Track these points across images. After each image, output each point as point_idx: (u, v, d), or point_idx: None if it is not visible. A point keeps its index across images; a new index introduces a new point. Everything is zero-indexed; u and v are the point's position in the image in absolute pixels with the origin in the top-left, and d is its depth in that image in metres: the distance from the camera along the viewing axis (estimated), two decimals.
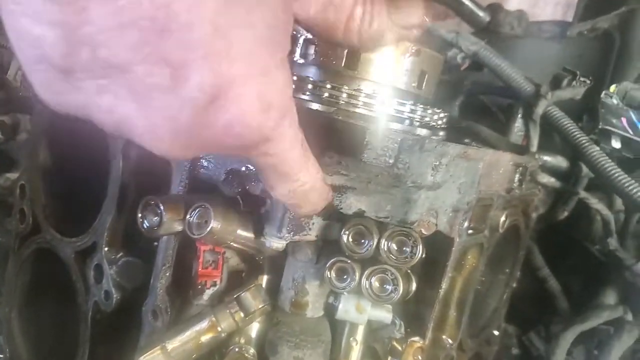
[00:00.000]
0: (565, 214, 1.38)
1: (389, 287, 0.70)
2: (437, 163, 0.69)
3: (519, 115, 1.23)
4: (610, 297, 1.36)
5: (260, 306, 0.76)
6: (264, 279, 0.81)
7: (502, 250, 1.22)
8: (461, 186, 0.80)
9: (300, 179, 0.56)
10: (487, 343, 1.22)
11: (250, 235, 0.73)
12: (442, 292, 0.83)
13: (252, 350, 0.74)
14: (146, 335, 0.79)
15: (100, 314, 0.89)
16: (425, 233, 0.78)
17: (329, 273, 0.72)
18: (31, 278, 1.10)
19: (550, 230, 1.47)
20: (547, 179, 1.18)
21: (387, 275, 0.70)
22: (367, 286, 0.70)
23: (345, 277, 0.71)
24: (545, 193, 1.31)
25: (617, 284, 1.35)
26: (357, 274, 0.71)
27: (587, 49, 1.62)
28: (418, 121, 0.78)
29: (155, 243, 0.82)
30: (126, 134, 0.42)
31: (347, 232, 0.70)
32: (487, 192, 0.88)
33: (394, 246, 0.69)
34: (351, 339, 0.82)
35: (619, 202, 1.37)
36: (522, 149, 1.14)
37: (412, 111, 0.74)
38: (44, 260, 1.04)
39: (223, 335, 0.75)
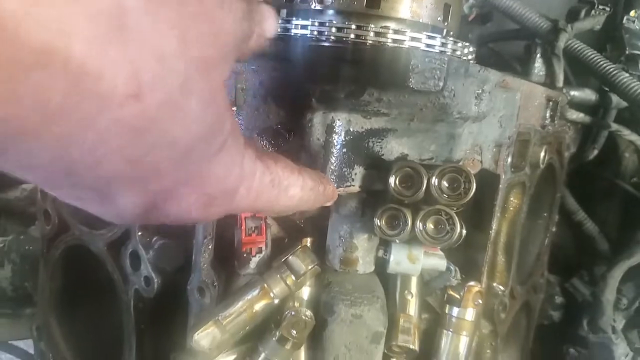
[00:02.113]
0: (595, 152, 1.34)
1: (445, 228, 0.66)
2: (480, 91, 0.66)
3: (538, 55, 1.19)
4: None
5: (310, 267, 0.72)
6: (308, 242, 0.78)
7: (539, 193, 1.18)
8: (502, 119, 0.77)
9: (280, 205, 0.54)
10: (534, 291, 1.19)
11: None
12: (492, 232, 0.80)
13: (308, 312, 0.71)
14: (195, 314, 0.76)
15: (143, 301, 0.86)
16: (472, 171, 0.75)
17: (379, 222, 0.68)
18: (64, 280, 1.07)
19: (581, 171, 1.43)
20: (576, 115, 1.14)
21: (442, 215, 0.66)
22: (421, 229, 0.67)
23: (396, 223, 0.68)
24: (575, 131, 1.28)
25: None
26: (410, 219, 0.67)
27: None
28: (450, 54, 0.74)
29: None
30: None
31: (393, 176, 0.66)
32: (526, 126, 0.85)
33: (445, 184, 0.66)
34: (405, 292, 0.79)
35: None
36: (549, 86, 1.10)
37: (443, 44, 0.70)
38: (75, 259, 1.02)
39: (276, 301, 0.72)
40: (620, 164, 1.36)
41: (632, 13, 1.16)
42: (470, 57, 0.81)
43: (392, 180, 0.67)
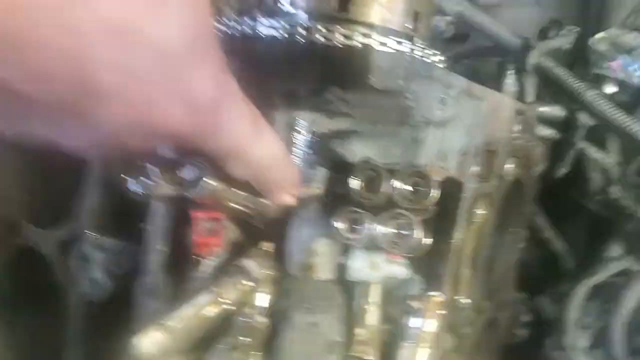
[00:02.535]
0: (563, 170, 1.35)
1: (406, 232, 0.64)
2: (445, 96, 0.65)
3: (510, 72, 1.20)
4: (614, 250, 1.33)
5: (266, 272, 0.69)
6: (268, 247, 0.75)
7: (507, 208, 1.18)
8: (468, 128, 0.76)
9: (257, 151, 0.54)
10: (501, 307, 1.18)
11: (249, 193, 0.67)
12: (456, 242, 0.79)
13: (261, 319, 0.68)
14: (143, 319, 0.72)
15: (90, 306, 0.82)
16: (435, 179, 0.73)
17: (339, 225, 0.66)
18: (12, 285, 1.01)
19: (550, 189, 1.44)
20: (544, 131, 1.15)
21: (402, 220, 0.65)
22: (381, 233, 0.65)
23: (356, 227, 0.66)
24: (545, 148, 1.29)
25: (620, 236, 1.33)
26: (369, 222, 0.65)
27: (565, 7, 1.61)
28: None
29: (143, 225, 0.76)
30: None
31: (356, 178, 0.64)
32: (493, 137, 0.84)
33: (406, 188, 0.64)
34: (364, 301, 0.77)
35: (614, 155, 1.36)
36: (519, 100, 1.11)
37: (412, 50, 0.69)
38: (23, 265, 0.96)
39: (229, 307, 0.68)
40: (586, 183, 1.38)
41: (598, 36, 1.19)
42: (440, 65, 0.80)
43: (354, 183, 0.65)
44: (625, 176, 1.33)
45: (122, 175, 0.66)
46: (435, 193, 0.63)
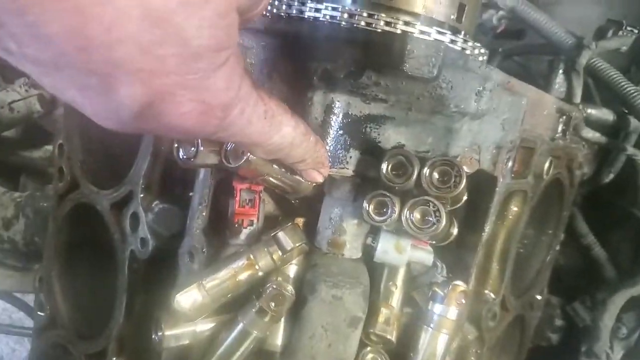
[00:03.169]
0: (611, 175, 1.31)
1: (431, 219, 0.67)
2: (481, 88, 0.66)
3: (561, 71, 1.18)
4: None
5: (297, 244, 0.74)
6: (300, 221, 0.80)
7: (545, 209, 1.17)
8: (505, 122, 0.76)
9: (272, 142, 0.57)
10: (530, 307, 1.17)
11: (286, 170, 0.71)
12: (485, 235, 0.80)
13: (290, 288, 0.72)
14: (183, 277, 0.78)
15: (137, 262, 0.89)
16: (468, 170, 0.75)
17: (367, 206, 0.69)
18: (70, 237, 1.11)
19: (596, 195, 1.41)
20: (591, 134, 1.12)
21: (429, 206, 0.67)
22: (407, 218, 0.67)
23: (384, 210, 0.69)
24: (591, 152, 1.26)
25: None
26: (397, 207, 0.68)
27: (630, 6, 1.54)
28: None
29: (191, 193, 0.82)
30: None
31: (386, 162, 0.67)
32: (531, 134, 0.84)
33: (435, 176, 0.66)
34: (390, 283, 0.80)
35: None
36: (566, 100, 1.09)
37: (452, 42, 0.71)
38: (82, 218, 1.06)
39: (260, 274, 0.73)
40: (635, 191, 1.33)
41: None
42: (480, 57, 0.81)
43: (384, 167, 0.68)
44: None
45: (173, 144, 0.72)
46: (462, 182, 0.65)
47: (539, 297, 1.22)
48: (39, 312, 1.14)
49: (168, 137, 0.71)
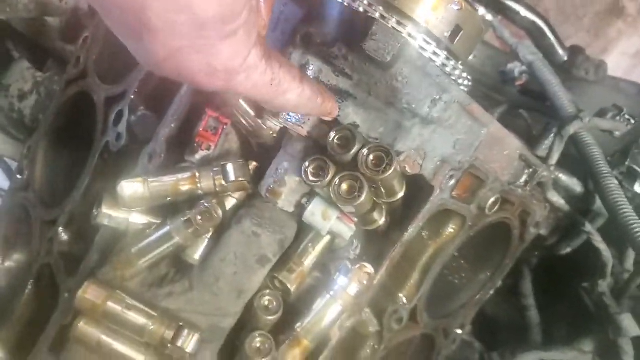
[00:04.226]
0: (569, 249, 1.36)
1: (354, 193, 0.74)
2: (438, 97, 0.73)
3: (552, 134, 1.23)
4: (587, 345, 1.33)
5: (240, 179, 0.82)
6: (253, 165, 0.88)
7: (489, 250, 1.23)
8: (458, 142, 0.83)
9: (276, 103, 0.65)
10: (444, 334, 1.23)
11: (251, 111, 0.80)
12: (407, 236, 0.87)
13: (219, 212, 0.80)
14: (137, 173, 0.87)
15: (108, 153, 0.98)
16: (409, 171, 0.82)
17: (307, 166, 0.77)
18: (66, 121, 1.22)
19: (552, 265, 1.45)
20: (556, 199, 1.18)
21: (357, 182, 0.74)
22: (335, 186, 0.75)
23: (320, 173, 0.77)
24: (555, 219, 1.31)
25: (600, 338, 1.32)
26: (331, 174, 0.76)
27: None
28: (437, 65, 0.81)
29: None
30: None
31: (335, 132, 0.75)
32: (484, 166, 0.91)
33: (371, 158, 0.74)
34: (310, 245, 0.87)
35: (630, 262, 1.34)
36: (540, 159, 1.14)
37: (434, 54, 0.78)
38: (80, 107, 1.16)
39: (200, 192, 0.82)
40: (588, 275, 1.37)
41: None
42: (460, 80, 0.88)
43: (332, 135, 0.75)
44: (625, 286, 1.32)
45: None
46: (390, 170, 0.72)
47: (458, 331, 1.27)
48: (18, 175, 1.26)
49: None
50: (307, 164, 0.77)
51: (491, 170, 0.92)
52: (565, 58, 1.72)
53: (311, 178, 0.77)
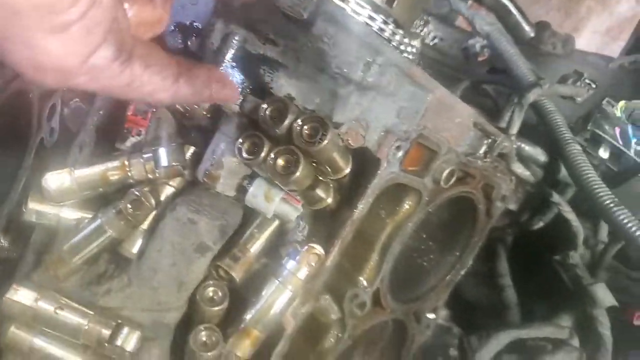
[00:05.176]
0: (541, 223, 1.32)
1: (291, 168, 0.70)
2: (371, 60, 0.69)
3: (512, 103, 1.20)
4: (565, 320, 1.29)
5: (174, 164, 0.77)
6: (190, 149, 0.83)
7: (456, 229, 1.18)
8: (401, 110, 0.79)
9: (148, 99, 0.57)
10: (416, 319, 1.18)
11: None
12: (357, 213, 0.82)
13: (152, 200, 0.76)
14: (63, 163, 0.82)
15: (44, 150, 0.94)
16: (352, 144, 0.78)
17: (241, 143, 0.72)
18: (5, 121, 1.16)
19: (527, 243, 1.42)
20: (521, 170, 1.14)
21: (292, 156, 0.70)
22: (271, 161, 0.70)
23: (255, 150, 0.72)
24: (523, 192, 1.27)
25: (578, 312, 1.28)
26: (266, 150, 0.71)
27: (623, 79, 1.56)
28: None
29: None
30: None
31: (266, 105, 0.70)
32: (434, 136, 0.86)
33: (305, 130, 0.69)
34: (256, 230, 0.83)
35: (604, 233, 1.31)
36: (501, 129, 1.11)
37: (371, 18, 0.74)
38: (19, 106, 1.11)
39: (131, 181, 0.77)
40: (563, 249, 1.34)
41: (620, 104, 1.15)
42: (409, 49, 0.84)
43: (264, 107, 0.71)
44: (599, 258, 1.29)
45: None
46: (325, 141, 0.68)
47: (431, 316, 1.23)
48: None
49: None
50: (240, 140, 0.73)
51: (443, 140, 0.88)
52: (532, 34, 1.69)
53: (245, 155, 0.72)
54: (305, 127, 0.69)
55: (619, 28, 3.05)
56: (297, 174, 0.69)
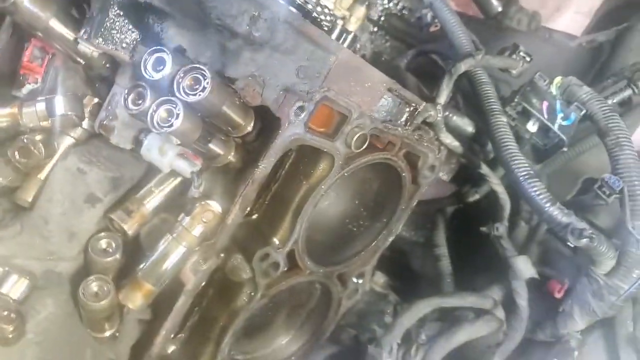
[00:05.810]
0: (477, 196, 1.32)
1: (171, 120, 0.69)
2: (256, 13, 0.67)
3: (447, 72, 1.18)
4: (495, 292, 1.31)
5: (68, 112, 0.76)
6: (94, 100, 0.82)
7: (384, 197, 1.18)
8: (301, 69, 0.78)
9: None
10: (342, 283, 1.20)
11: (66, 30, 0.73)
12: (258, 171, 0.82)
13: (40, 147, 0.75)
14: None
15: None
16: (250, 101, 0.77)
17: (127, 93, 0.71)
18: None
19: (467, 215, 1.43)
20: (449, 140, 1.13)
21: (174, 108, 0.69)
22: (153, 112, 0.69)
23: (140, 101, 0.71)
24: (456, 162, 1.27)
25: (505, 284, 1.30)
26: (149, 101, 0.70)
27: (581, 58, 1.55)
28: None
29: None
30: None
31: (148, 55, 0.69)
32: (342, 99, 0.85)
33: (187, 82, 0.68)
34: (154, 185, 0.82)
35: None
36: (428, 98, 1.09)
37: None
38: None
39: (22, 128, 0.76)
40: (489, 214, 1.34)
41: (556, 80, 1.13)
42: (326, 10, 0.82)
43: (146, 58, 0.69)
44: (531, 234, 1.30)
45: None
46: (207, 91, 0.66)
47: (355, 280, 1.24)
48: None
49: None
50: (126, 91, 0.72)
51: (353, 105, 0.87)
52: (500, 9, 1.66)
53: (131, 106, 0.71)
54: (187, 78, 0.68)
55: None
56: (177, 125, 0.68)
